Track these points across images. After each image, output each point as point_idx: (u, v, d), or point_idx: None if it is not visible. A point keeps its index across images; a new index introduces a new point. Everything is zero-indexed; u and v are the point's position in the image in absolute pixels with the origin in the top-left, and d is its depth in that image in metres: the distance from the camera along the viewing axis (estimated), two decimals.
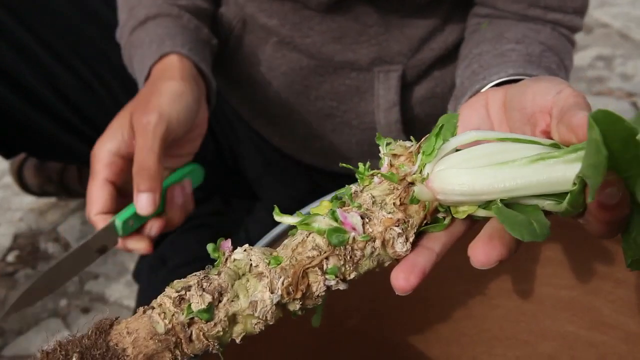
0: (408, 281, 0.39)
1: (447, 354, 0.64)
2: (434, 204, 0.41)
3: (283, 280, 0.39)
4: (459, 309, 0.61)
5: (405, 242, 0.40)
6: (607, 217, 0.35)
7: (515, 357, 0.63)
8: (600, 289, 0.57)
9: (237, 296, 0.39)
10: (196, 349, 0.39)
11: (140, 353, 0.37)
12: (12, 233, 1.15)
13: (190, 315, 0.38)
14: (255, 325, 0.39)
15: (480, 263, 0.38)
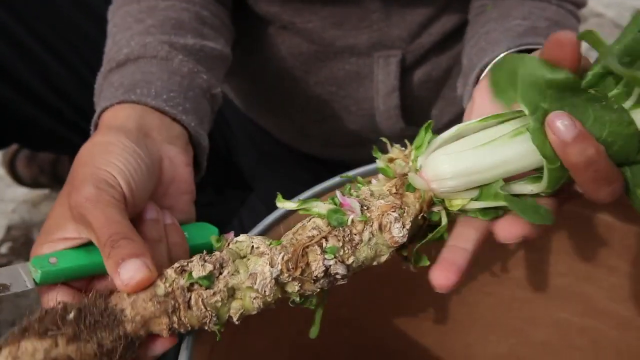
0: (448, 279, 0.40)
1: (441, 342, 0.64)
2: (428, 194, 0.42)
3: (283, 256, 0.40)
4: (453, 296, 0.62)
5: (402, 228, 0.41)
6: (586, 173, 0.38)
7: (509, 344, 0.63)
8: (593, 276, 0.57)
9: (237, 271, 0.40)
10: (194, 318, 0.39)
11: (138, 314, 0.38)
12: (5, 225, 1.15)
13: (190, 280, 0.39)
14: (254, 300, 0.40)
15: (503, 238, 0.40)
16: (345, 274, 0.41)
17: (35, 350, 0.35)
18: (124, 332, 0.37)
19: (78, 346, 0.36)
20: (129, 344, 0.37)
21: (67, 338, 0.35)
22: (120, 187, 0.43)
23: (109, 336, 0.36)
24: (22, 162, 1.15)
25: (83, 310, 0.37)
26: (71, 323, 0.36)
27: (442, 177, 0.41)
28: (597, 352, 0.60)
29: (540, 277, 0.59)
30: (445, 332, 0.63)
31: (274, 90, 0.78)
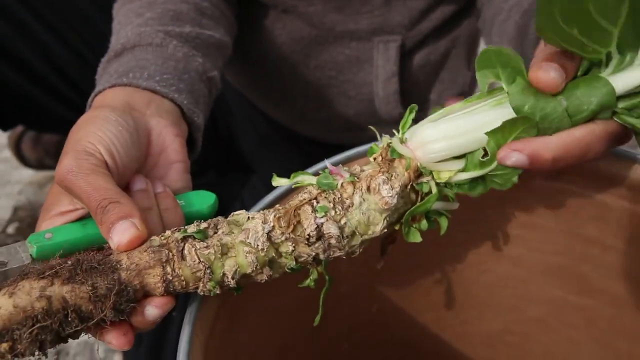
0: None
1: (437, 319, 0.65)
2: (414, 162, 0.42)
3: (275, 214, 0.41)
4: (449, 274, 0.62)
5: (390, 189, 0.41)
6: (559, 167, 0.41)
7: (505, 321, 0.64)
8: (588, 255, 0.58)
9: (232, 232, 0.41)
10: (187, 270, 0.39)
11: (133, 263, 0.39)
12: (11, 206, 1.17)
13: (185, 234, 0.40)
14: (247, 254, 0.40)
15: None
16: (339, 236, 0.42)
17: (31, 288, 0.36)
18: (118, 278, 0.38)
19: (72, 287, 0.37)
20: (122, 291, 0.38)
21: (63, 279, 0.37)
22: (101, 154, 0.43)
23: (103, 280, 0.37)
24: (27, 145, 1.16)
25: (81, 260, 0.38)
26: (68, 267, 0.37)
27: (426, 141, 0.42)
28: (592, 329, 0.60)
29: (536, 255, 0.60)
30: (442, 309, 0.64)
31: (275, 74, 0.78)
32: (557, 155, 0.40)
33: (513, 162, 0.40)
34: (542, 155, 0.40)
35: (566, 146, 0.40)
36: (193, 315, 0.43)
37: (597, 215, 0.56)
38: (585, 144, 0.41)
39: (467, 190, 0.43)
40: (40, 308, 0.36)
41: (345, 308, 0.61)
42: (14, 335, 0.35)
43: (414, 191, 0.43)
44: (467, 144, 0.41)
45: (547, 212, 0.58)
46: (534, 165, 0.40)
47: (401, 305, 0.64)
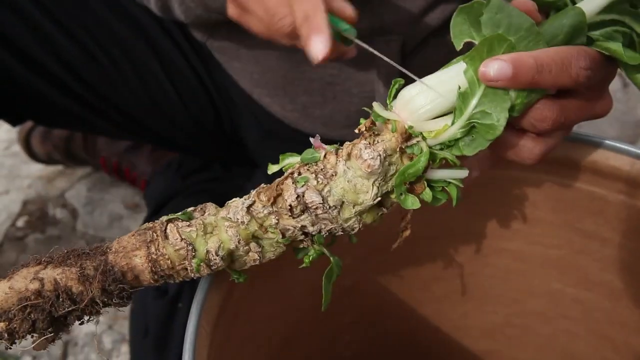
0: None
1: (438, 311, 0.66)
2: (400, 125, 0.41)
3: (257, 190, 0.42)
4: (450, 267, 0.63)
5: (372, 152, 0.40)
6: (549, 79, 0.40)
7: (505, 313, 0.65)
8: (587, 248, 0.59)
9: (217, 212, 0.42)
10: (170, 249, 0.40)
11: (121, 247, 0.41)
12: (21, 199, 1.18)
13: (171, 216, 0.41)
14: (228, 229, 0.41)
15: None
16: (323, 206, 0.41)
17: (27, 272, 0.39)
18: (105, 259, 0.40)
19: (63, 269, 0.39)
20: (109, 272, 0.40)
21: (55, 263, 0.40)
22: None
23: (91, 263, 0.40)
24: (36, 139, 1.17)
25: (78, 250, 0.41)
26: (63, 255, 0.40)
27: (409, 99, 0.41)
28: (590, 321, 0.61)
29: (536, 249, 0.61)
30: (443, 301, 0.65)
31: (277, 72, 0.79)
32: (540, 60, 0.40)
33: (496, 71, 0.39)
34: (525, 61, 0.39)
35: (547, 52, 0.40)
36: (199, 307, 0.44)
37: (596, 210, 0.57)
38: (565, 53, 0.40)
39: (462, 150, 0.41)
40: (33, 289, 0.39)
41: (348, 301, 0.62)
42: (10, 315, 0.38)
43: (407, 156, 0.42)
44: (451, 93, 0.41)
45: (547, 207, 0.58)
46: (518, 74, 0.39)
47: (402, 298, 0.65)
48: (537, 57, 0.40)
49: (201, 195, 0.93)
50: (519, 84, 0.40)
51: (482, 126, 0.41)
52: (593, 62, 0.42)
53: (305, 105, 0.82)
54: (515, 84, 0.40)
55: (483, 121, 0.40)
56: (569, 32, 0.41)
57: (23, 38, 0.79)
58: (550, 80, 0.41)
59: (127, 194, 1.18)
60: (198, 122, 0.88)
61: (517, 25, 0.40)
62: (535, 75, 0.40)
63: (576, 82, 0.42)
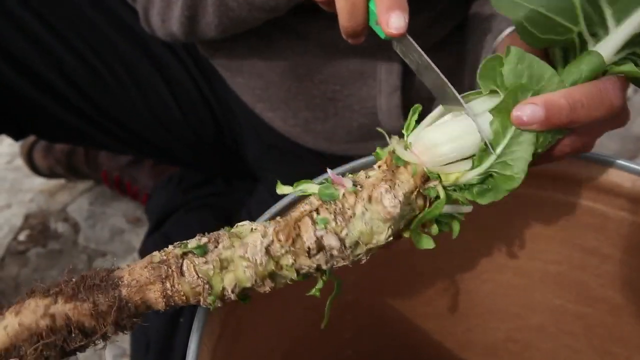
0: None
1: (441, 327, 0.66)
2: (420, 168, 0.42)
3: (275, 227, 0.41)
4: (453, 283, 0.63)
5: (393, 198, 0.40)
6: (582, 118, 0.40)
7: (507, 329, 0.65)
8: (587, 264, 0.59)
9: (232, 245, 0.41)
10: (186, 285, 0.40)
11: (133, 279, 0.39)
12: (23, 213, 1.18)
13: (185, 249, 0.40)
14: (246, 269, 0.40)
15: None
16: (340, 248, 0.41)
17: (36, 306, 0.38)
18: (119, 294, 0.39)
19: (75, 305, 0.38)
20: (123, 307, 0.39)
21: (66, 297, 0.38)
22: None
23: (105, 297, 0.38)
24: (39, 154, 1.18)
25: (85, 277, 0.39)
26: (72, 285, 0.38)
27: (432, 144, 0.41)
28: (591, 337, 0.61)
29: (537, 265, 0.61)
30: (446, 317, 0.65)
31: (280, 87, 0.79)
32: (571, 98, 0.39)
33: (528, 115, 0.38)
34: (557, 101, 0.39)
35: (577, 89, 0.40)
36: (201, 323, 0.44)
37: (597, 226, 0.57)
38: (595, 86, 0.40)
39: (476, 196, 0.42)
40: (45, 325, 0.37)
41: (350, 316, 0.62)
42: (21, 351, 0.37)
43: (422, 197, 0.42)
44: (475, 142, 0.41)
45: (547, 223, 0.58)
46: (550, 115, 0.39)
47: (404, 314, 0.65)
48: (567, 96, 0.39)
49: (202, 209, 0.93)
50: (553, 125, 0.40)
51: (500, 176, 0.41)
52: (620, 84, 0.42)
53: (307, 120, 0.82)
54: (550, 125, 0.40)
55: (502, 172, 0.41)
56: (589, 76, 0.41)
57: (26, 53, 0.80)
58: (584, 115, 0.40)
59: (129, 208, 1.19)
60: (199, 136, 0.89)
61: (539, 75, 0.41)
62: (569, 114, 0.39)
63: (612, 109, 0.41)
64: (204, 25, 0.69)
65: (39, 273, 1.08)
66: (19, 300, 0.38)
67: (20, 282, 1.06)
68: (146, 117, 0.86)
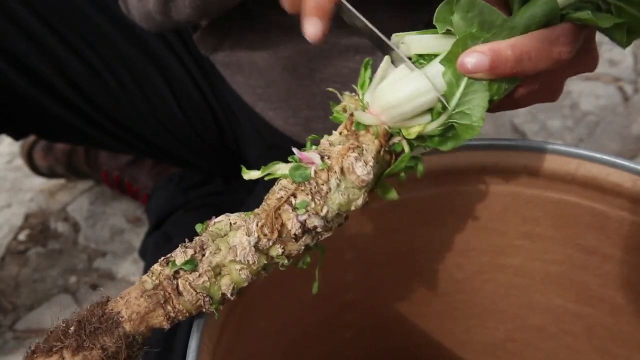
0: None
1: (440, 327, 0.66)
2: (381, 128, 0.42)
3: (257, 223, 0.40)
4: (452, 283, 0.63)
5: (364, 165, 0.40)
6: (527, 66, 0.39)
7: (506, 329, 0.65)
8: (588, 264, 0.59)
9: (219, 249, 0.40)
10: (187, 304, 0.40)
11: (133, 312, 0.39)
12: (23, 213, 1.18)
13: (174, 268, 0.40)
14: (240, 271, 0.40)
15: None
16: (324, 224, 0.41)
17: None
18: (124, 332, 0.38)
19: (84, 355, 0.37)
20: (132, 343, 0.38)
21: (72, 350, 0.37)
22: None
23: (111, 339, 0.37)
24: (39, 153, 1.18)
25: (82, 322, 0.38)
26: (73, 335, 0.37)
27: (389, 106, 0.41)
28: (591, 337, 0.61)
29: (537, 265, 0.61)
30: (445, 317, 0.65)
31: (281, 85, 0.79)
32: (517, 48, 0.39)
33: (473, 63, 0.38)
34: (503, 52, 0.38)
35: (524, 39, 0.39)
36: (201, 323, 0.43)
37: (597, 226, 0.57)
38: (542, 35, 0.39)
39: (437, 144, 0.42)
40: None
41: (349, 316, 0.63)
42: None
43: (388, 152, 0.42)
44: (432, 97, 0.40)
45: (547, 222, 0.59)
46: (495, 66, 0.38)
47: (404, 314, 0.65)
48: (514, 46, 0.39)
49: (202, 209, 0.93)
50: (498, 74, 0.39)
51: (461, 126, 0.41)
52: (572, 36, 0.40)
53: (307, 119, 0.82)
54: (495, 75, 0.39)
55: (462, 121, 0.41)
56: (542, 21, 0.40)
57: (26, 52, 0.80)
58: (531, 67, 0.40)
59: (129, 208, 1.19)
60: (200, 137, 0.89)
61: (490, 22, 0.40)
62: (514, 66, 0.39)
63: (559, 62, 0.41)
64: (179, 3, 0.68)
65: (39, 273, 1.08)
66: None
67: (20, 282, 1.06)
68: (146, 117, 0.86)
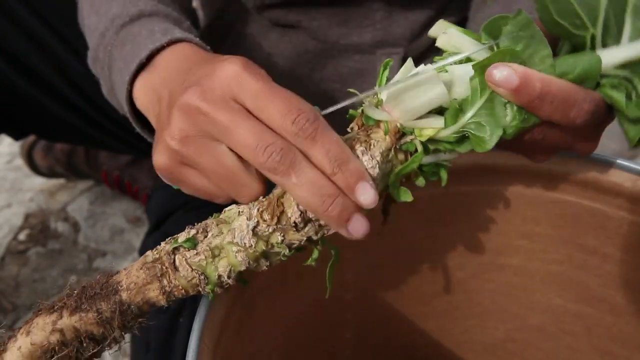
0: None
1: (440, 327, 0.66)
2: (392, 124, 0.41)
3: (258, 208, 0.40)
4: (452, 283, 0.63)
5: (370, 159, 0.40)
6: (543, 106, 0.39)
7: (506, 329, 0.65)
8: (588, 264, 0.59)
9: (221, 232, 0.41)
10: (182, 279, 0.40)
11: (131, 282, 0.40)
12: (23, 213, 1.18)
13: (175, 244, 0.41)
14: (237, 253, 0.40)
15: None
16: None
17: (44, 323, 0.39)
18: (120, 299, 0.40)
19: (80, 316, 0.39)
20: (126, 311, 0.40)
21: (70, 310, 0.39)
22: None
23: (107, 304, 0.40)
24: (39, 153, 1.18)
25: (86, 287, 0.40)
26: (74, 297, 0.40)
27: (401, 100, 0.41)
28: (591, 337, 0.61)
29: (537, 264, 0.61)
30: (445, 317, 0.65)
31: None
32: (545, 87, 0.39)
33: (503, 75, 0.38)
34: (532, 80, 0.38)
35: (554, 83, 0.39)
36: (201, 323, 0.44)
37: (597, 225, 0.57)
38: (570, 91, 0.39)
39: (454, 146, 0.42)
40: (56, 341, 0.39)
41: (349, 315, 0.63)
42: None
43: (402, 152, 0.42)
44: (443, 94, 0.40)
45: (547, 222, 0.59)
46: (521, 89, 0.38)
47: (404, 313, 0.65)
48: (544, 83, 0.39)
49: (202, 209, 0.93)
50: (518, 98, 0.39)
51: (474, 137, 0.41)
52: (597, 107, 0.41)
53: None
54: (515, 97, 0.39)
55: (476, 133, 0.41)
56: (580, 75, 0.41)
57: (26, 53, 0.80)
58: (547, 111, 0.40)
59: (129, 208, 1.19)
60: None
61: (535, 49, 0.40)
62: (536, 99, 0.39)
63: (569, 123, 0.41)
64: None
65: (39, 272, 1.08)
66: (27, 321, 0.40)
67: (20, 282, 1.06)
68: None
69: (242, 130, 0.38)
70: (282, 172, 0.37)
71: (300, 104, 0.39)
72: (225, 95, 0.39)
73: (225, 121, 0.38)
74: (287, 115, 0.38)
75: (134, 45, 0.50)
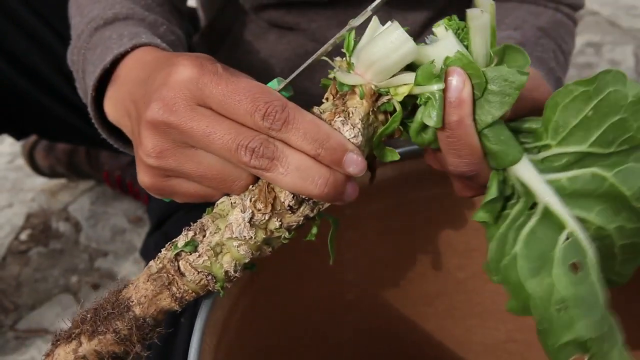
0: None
1: (441, 327, 0.66)
2: (367, 87, 0.40)
3: (250, 198, 0.40)
4: (453, 283, 0.63)
5: (352, 128, 0.40)
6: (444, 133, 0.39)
7: (506, 329, 0.65)
8: None
9: (218, 228, 0.41)
10: (191, 284, 0.41)
11: (142, 296, 0.40)
12: (24, 213, 1.19)
13: (176, 250, 0.40)
14: (239, 247, 0.40)
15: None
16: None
17: (66, 353, 0.40)
18: (134, 315, 0.40)
19: (99, 339, 0.39)
20: (142, 325, 0.40)
21: (88, 335, 0.40)
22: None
23: (122, 323, 0.40)
24: (40, 153, 1.18)
25: (99, 309, 0.40)
26: (89, 321, 0.40)
27: (371, 62, 0.40)
28: None
29: None
30: (446, 317, 0.65)
31: None
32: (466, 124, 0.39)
33: (455, 83, 0.38)
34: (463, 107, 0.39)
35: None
36: (203, 322, 0.44)
37: None
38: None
39: (430, 98, 0.40)
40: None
41: (350, 315, 0.63)
42: None
43: (381, 112, 0.41)
44: (411, 51, 0.39)
45: None
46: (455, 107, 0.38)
47: (404, 314, 0.65)
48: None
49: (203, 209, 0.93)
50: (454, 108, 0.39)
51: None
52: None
53: None
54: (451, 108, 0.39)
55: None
56: None
57: (27, 52, 0.80)
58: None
59: (130, 208, 1.19)
60: None
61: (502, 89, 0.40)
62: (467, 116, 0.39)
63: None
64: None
65: (40, 272, 1.08)
66: (48, 354, 0.40)
67: (21, 282, 1.06)
68: None
69: (218, 135, 0.38)
70: (267, 166, 0.38)
71: (265, 96, 0.38)
72: (188, 103, 0.39)
73: (198, 130, 0.38)
74: (256, 113, 0.38)
75: (103, 50, 0.50)
